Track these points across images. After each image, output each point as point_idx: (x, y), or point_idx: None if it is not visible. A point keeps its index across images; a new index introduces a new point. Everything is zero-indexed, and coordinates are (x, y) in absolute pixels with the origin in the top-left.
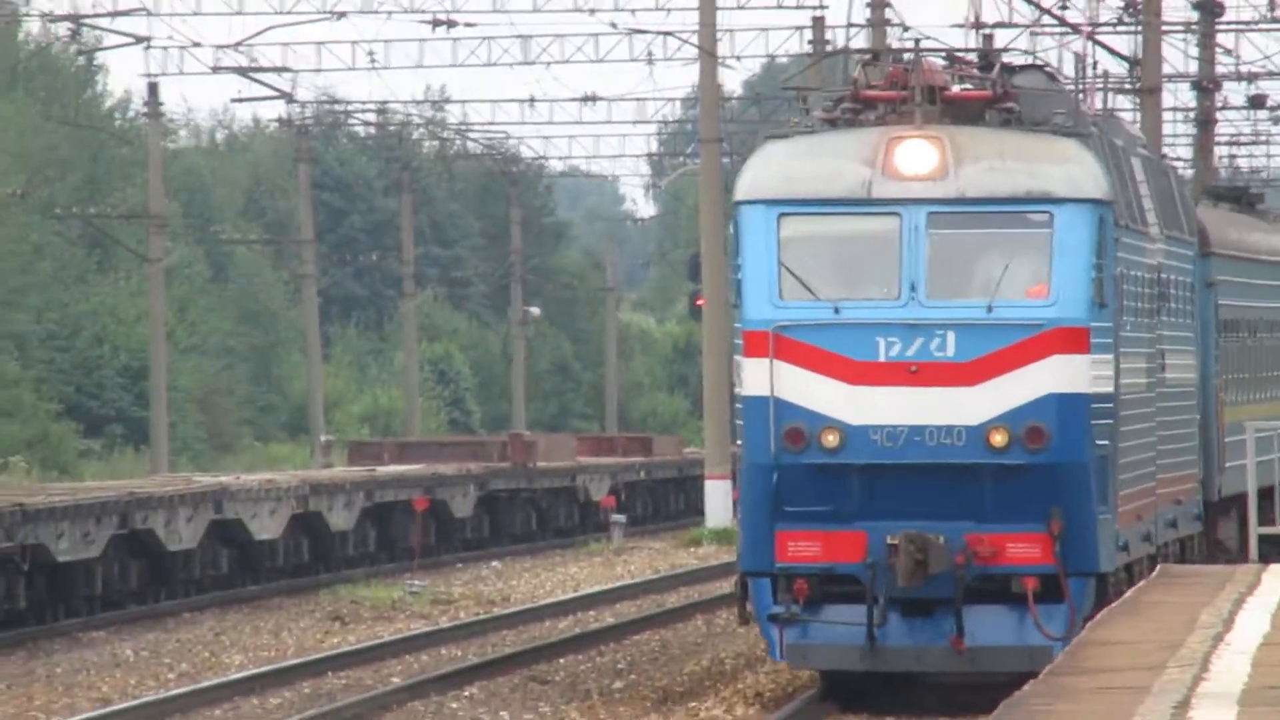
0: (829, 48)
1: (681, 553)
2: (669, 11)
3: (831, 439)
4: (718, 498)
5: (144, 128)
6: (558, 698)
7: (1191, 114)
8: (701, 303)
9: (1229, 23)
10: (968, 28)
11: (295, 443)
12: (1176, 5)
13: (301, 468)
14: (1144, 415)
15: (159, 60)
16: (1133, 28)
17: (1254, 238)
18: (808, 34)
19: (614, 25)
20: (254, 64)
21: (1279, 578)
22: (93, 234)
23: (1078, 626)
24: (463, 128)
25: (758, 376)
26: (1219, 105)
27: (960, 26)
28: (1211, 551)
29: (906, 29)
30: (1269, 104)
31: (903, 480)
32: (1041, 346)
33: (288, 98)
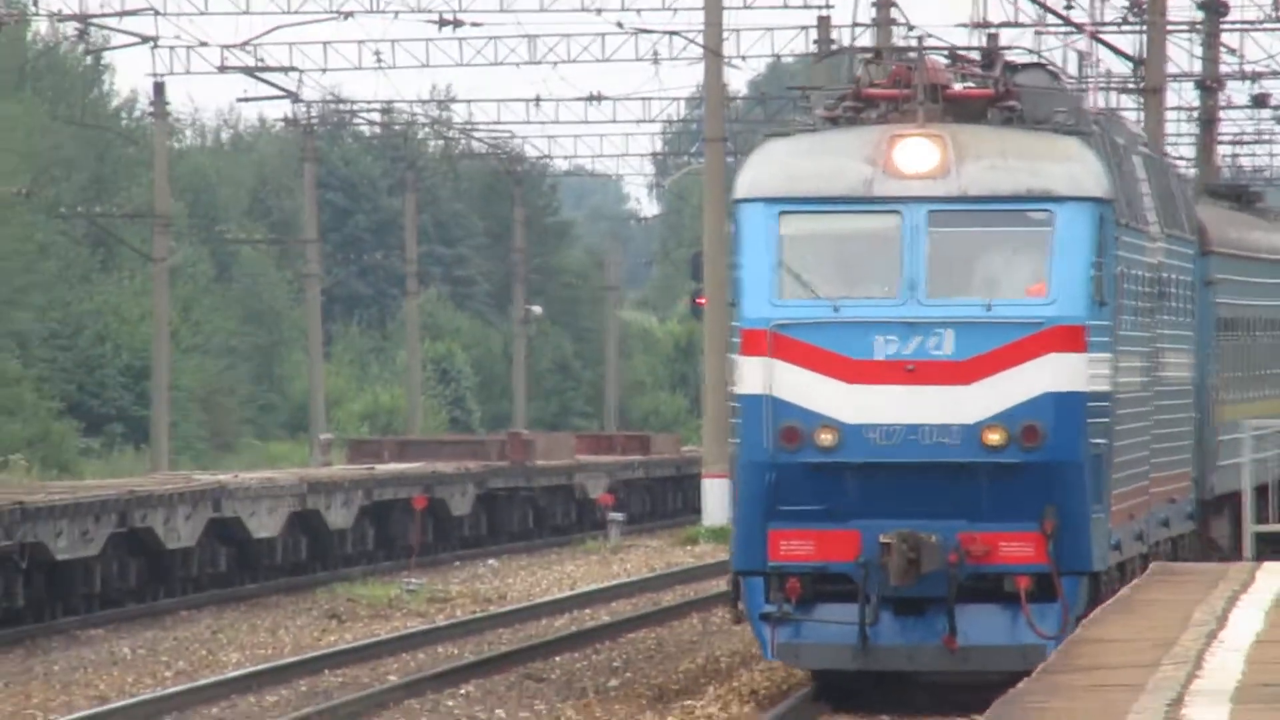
0: (834, 47)
1: (678, 551)
2: (675, 11)
3: (827, 438)
4: (715, 496)
5: (150, 127)
6: (554, 695)
7: (1195, 113)
8: (703, 302)
9: (1233, 22)
10: (972, 27)
11: (295, 441)
12: (1181, 5)
13: (301, 466)
14: (1140, 414)
15: (165, 60)
16: (1137, 27)
17: (1253, 236)
18: (813, 34)
19: (620, 25)
20: (260, 63)
21: (1273, 575)
22: (97, 233)
23: (1070, 625)
24: (468, 127)
25: (754, 375)
26: (1222, 104)
27: (965, 26)
28: (1204, 550)
29: (912, 28)
30: (1272, 103)
31: (898, 479)
32: (1039, 345)
33: (293, 97)
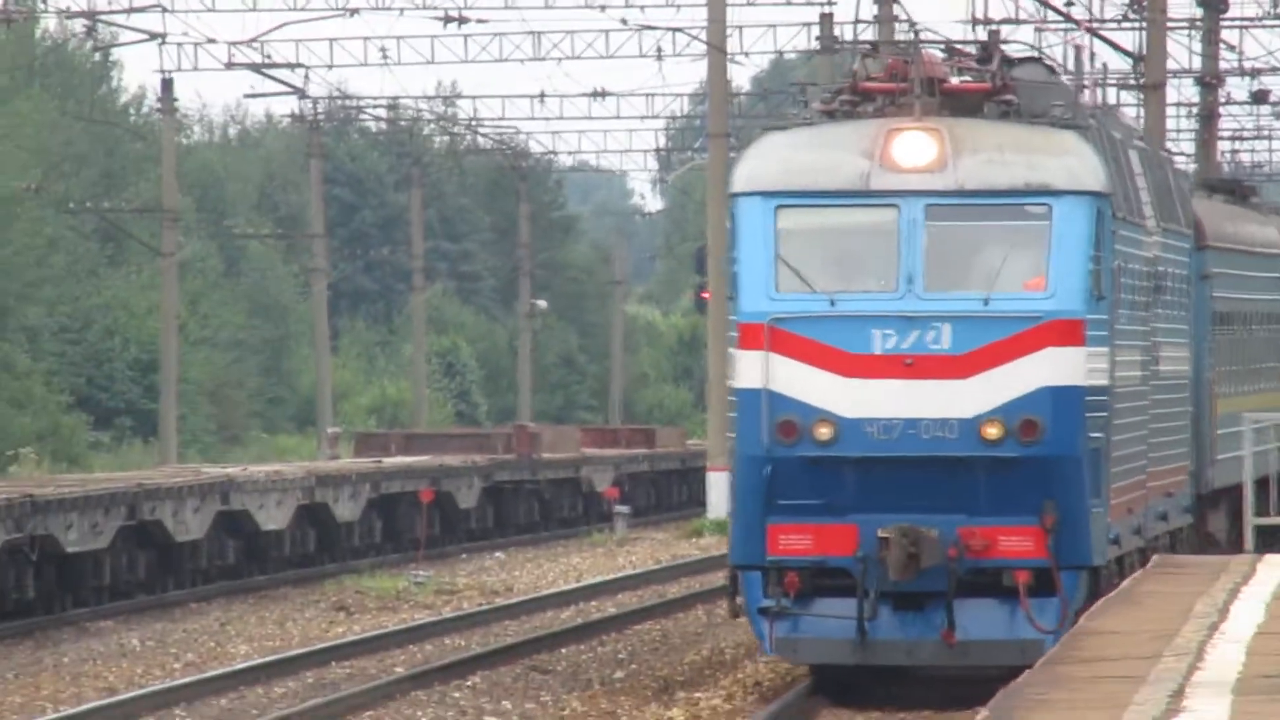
0: (837, 44)
1: (683, 543)
2: (678, 8)
3: (825, 432)
4: (720, 489)
5: (158, 123)
6: (559, 687)
7: (1195, 109)
8: (707, 295)
9: (1233, 19)
10: (973, 23)
11: (303, 435)
12: (1181, 1)
13: (308, 459)
14: (1138, 408)
15: (173, 56)
16: (1137, 24)
17: (1248, 230)
18: (816, 30)
19: (624, 22)
20: (267, 60)
21: (1273, 568)
22: (106, 228)
23: (1069, 620)
24: (473, 123)
25: (752, 369)
26: (1222, 101)
27: (966, 22)
28: (1201, 544)
29: (914, 25)
30: (1272, 99)
31: (896, 473)
32: (1037, 339)
33: (300, 93)
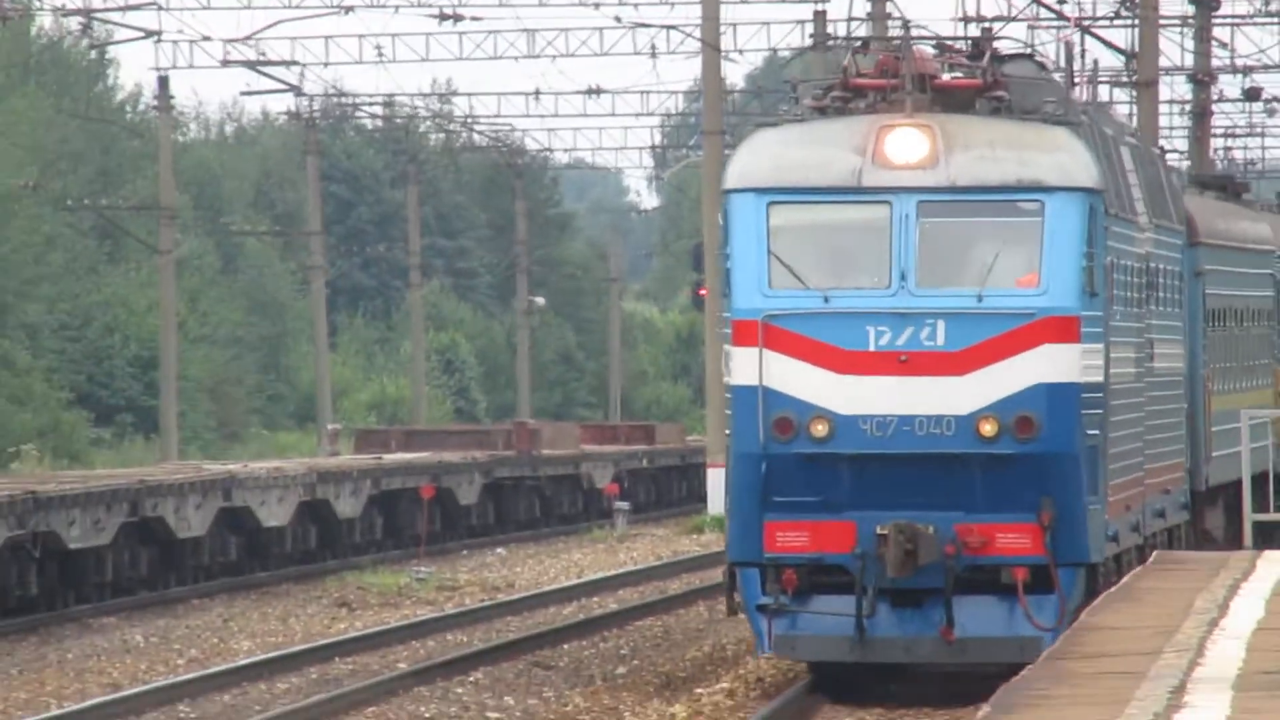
0: (830, 41)
1: (684, 539)
2: (672, 5)
3: (820, 429)
4: (720, 485)
5: (155, 121)
6: (561, 683)
7: (1188, 107)
8: (704, 292)
9: (1225, 16)
10: (965, 21)
11: (303, 431)
12: None
13: (309, 456)
14: (1133, 405)
15: (169, 54)
16: (1130, 21)
17: (1240, 226)
18: (809, 28)
19: (618, 19)
20: (263, 58)
21: (1273, 564)
22: (104, 226)
23: (1067, 617)
24: (469, 120)
25: (746, 366)
26: (1215, 98)
27: (959, 20)
28: (1198, 541)
29: (907, 23)
30: (1264, 96)
31: (892, 470)
32: (1032, 336)
33: (296, 91)
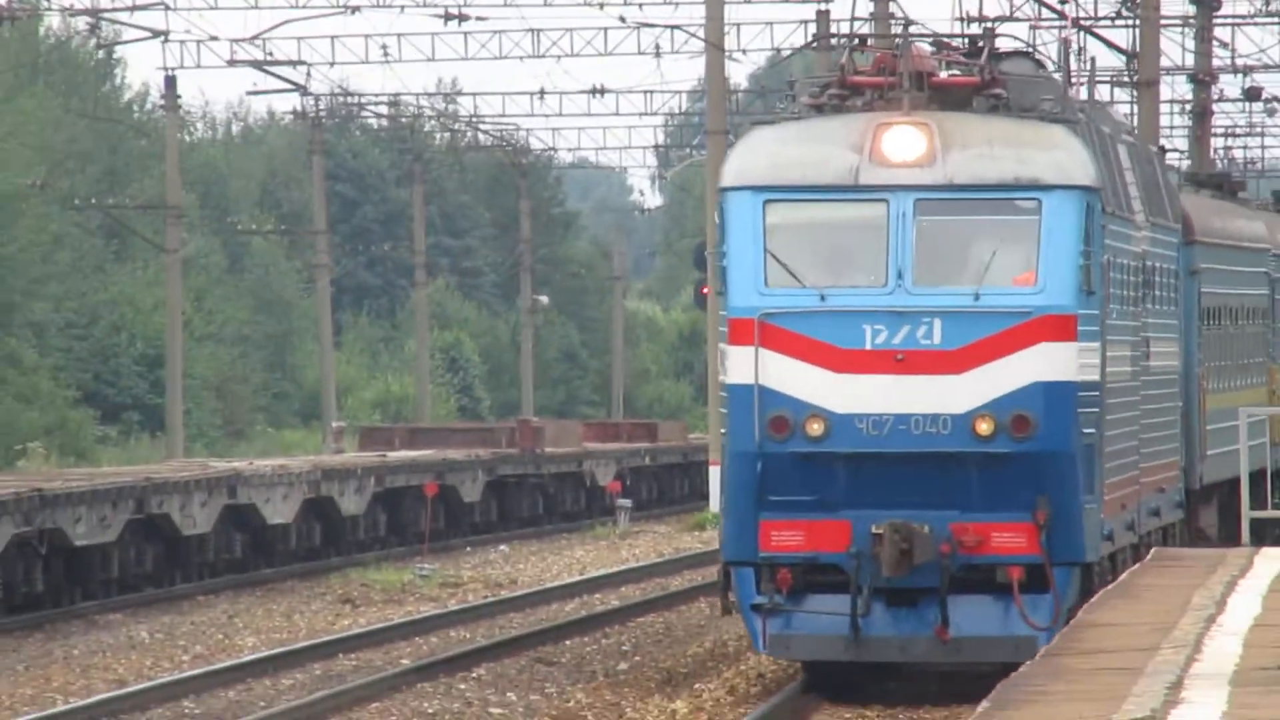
0: (832, 39)
1: (686, 536)
2: (676, 5)
3: (816, 427)
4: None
5: (162, 120)
6: (564, 679)
7: (1188, 106)
8: (706, 291)
9: (1226, 16)
10: (967, 20)
11: (308, 429)
12: None
13: (314, 453)
14: (1129, 403)
15: (176, 54)
16: (1131, 21)
17: (1236, 225)
18: (813, 28)
19: (622, 19)
20: (269, 57)
21: (1270, 561)
22: (111, 224)
23: (1063, 616)
24: (473, 120)
25: (743, 364)
26: (1215, 98)
27: (961, 20)
28: (1193, 539)
29: (910, 23)
30: (1264, 96)
31: (888, 469)
32: (1028, 334)
33: (302, 91)
